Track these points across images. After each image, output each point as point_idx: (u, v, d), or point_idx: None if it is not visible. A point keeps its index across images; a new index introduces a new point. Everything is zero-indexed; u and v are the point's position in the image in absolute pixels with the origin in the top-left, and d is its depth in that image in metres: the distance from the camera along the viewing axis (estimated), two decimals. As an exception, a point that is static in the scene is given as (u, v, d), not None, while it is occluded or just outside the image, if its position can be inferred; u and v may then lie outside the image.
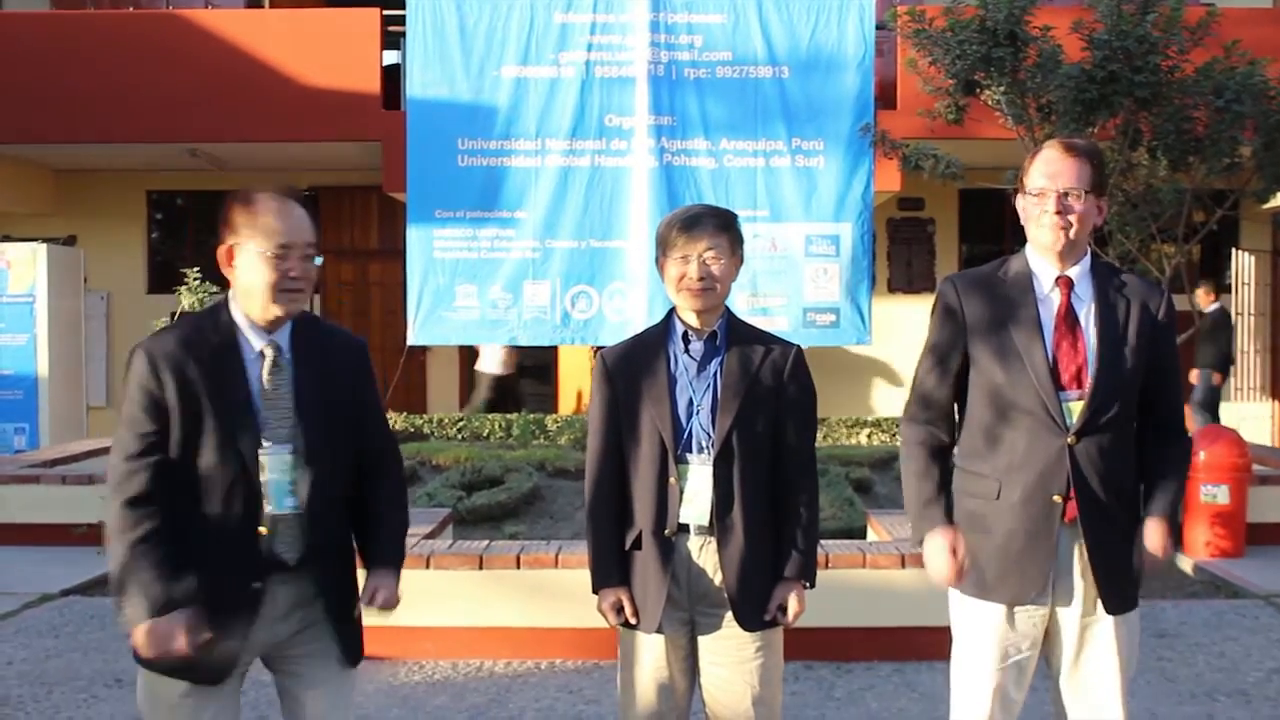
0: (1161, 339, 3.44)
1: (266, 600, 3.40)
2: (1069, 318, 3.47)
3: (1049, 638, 3.52)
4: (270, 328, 3.43)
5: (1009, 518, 3.47)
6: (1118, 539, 3.43)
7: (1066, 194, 3.41)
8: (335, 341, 3.60)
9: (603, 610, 3.65)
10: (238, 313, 3.44)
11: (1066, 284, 3.46)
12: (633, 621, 3.61)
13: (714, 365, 3.64)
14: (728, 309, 3.72)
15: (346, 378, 3.58)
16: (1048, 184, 3.43)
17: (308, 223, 3.45)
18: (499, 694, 6.11)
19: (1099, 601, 3.44)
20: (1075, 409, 3.40)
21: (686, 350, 3.65)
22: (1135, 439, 3.49)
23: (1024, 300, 3.49)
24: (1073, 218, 3.41)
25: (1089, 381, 3.40)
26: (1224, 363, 14.06)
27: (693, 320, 3.65)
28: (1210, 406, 13.93)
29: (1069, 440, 3.41)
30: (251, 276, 3.36)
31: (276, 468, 3.40)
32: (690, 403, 3.61)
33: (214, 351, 3.40)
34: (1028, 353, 3.44)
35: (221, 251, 3.41)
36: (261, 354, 3.42)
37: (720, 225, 3.62)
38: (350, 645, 3.53)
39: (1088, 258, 3.50)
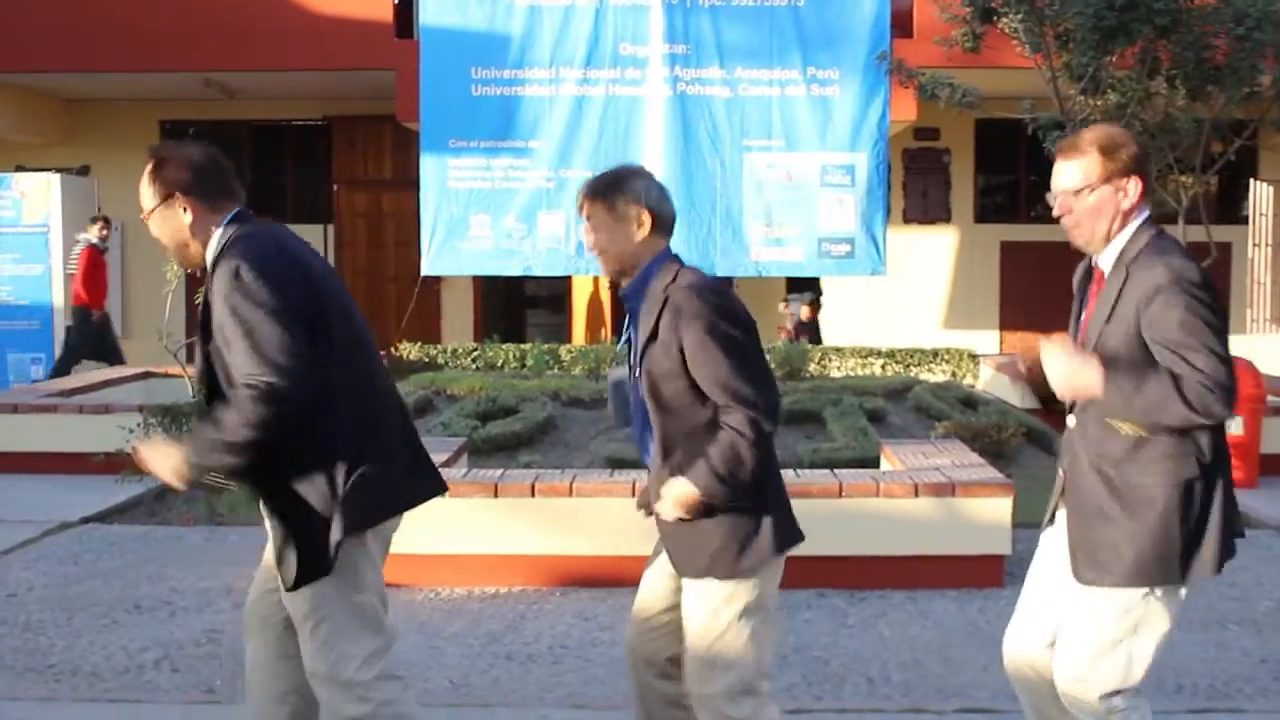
0: (1150, 316, 3.27)
1: None
2: (1084, 305, 3.56)
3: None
4: None
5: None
6: (1088, 516, 3.41)
7: (1060, 195, 3.45)
8: None
9: None
10: None
11: (1100, 275, 3.49)
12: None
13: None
14: (665, 259, 3.63)
15: None
16: (1054, 187, 3.48)
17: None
18: (515, 620, 6.16)
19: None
20: None
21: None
22: None
23: (1081, 289, 3.61)
24: (1071, 217, 3.44)
25: None
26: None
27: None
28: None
29: (1069, 420, 3.55)
30: None
31: None
32: None
33: None
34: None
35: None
36: None
37: (590, 194, 3.61)
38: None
39: (1120, 243, 3.42)
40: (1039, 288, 15.57)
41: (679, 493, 3.46)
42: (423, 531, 6.44)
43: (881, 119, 12.53)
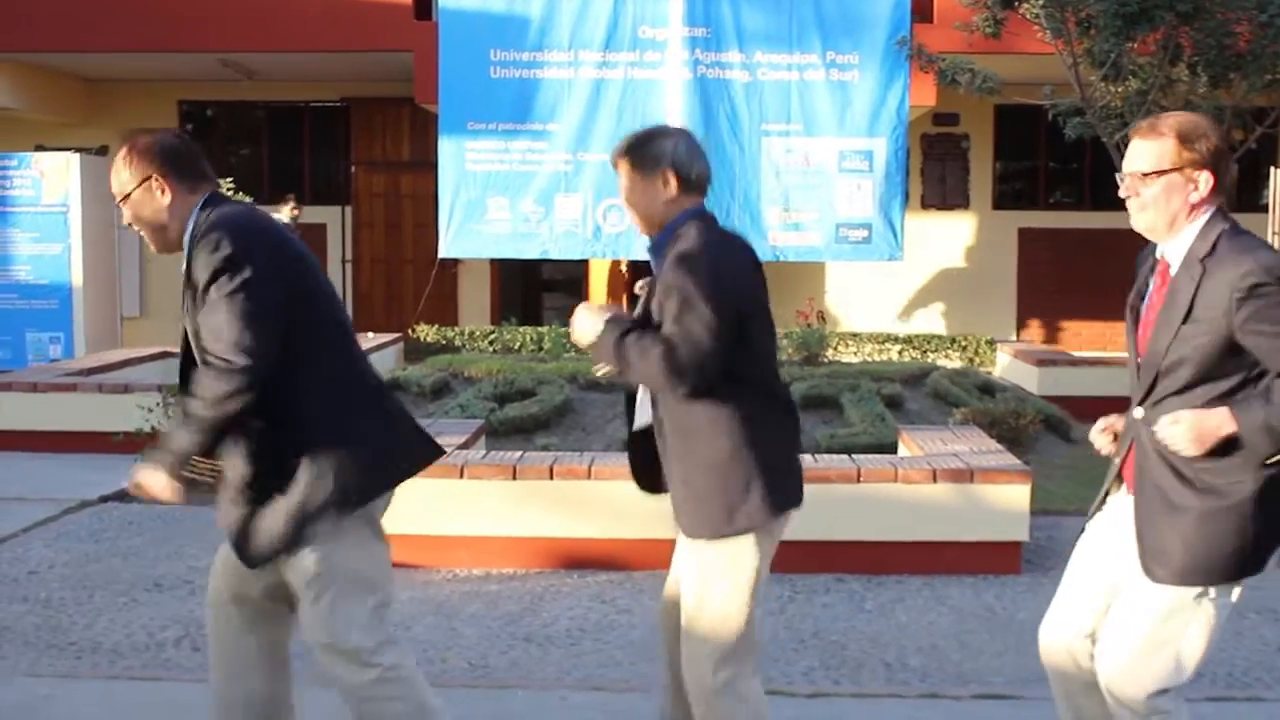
0: (1248, 313, 3.12)
1: None
2: (1150, 295, 3.41)
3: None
4: None
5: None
6: (1156, 507, 3.29)
7: (1129, 176, 3.32)
8: None
9: None
10: None
11: (1165, 266, 3.36)
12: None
13: None
14: (686, 218, 3.65)
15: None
16: (1124, 167, 3.35)
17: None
18: (532, 603, 6.18)
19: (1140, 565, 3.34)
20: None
21: None
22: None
23: (1143, 274, 3.47)
24: (1138, 200, 3.32)
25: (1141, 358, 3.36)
26: None
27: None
28: None
29: (1134, 410, 3.38)
30: None
31: None
32: None
33: None
34: (1129, 328, 3.46)
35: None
36: None
37: (619, 153, 3.67)
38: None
39: (1188, 238, 3.29)
40: (1057, 274, 15.58)
41: None
42: (440, 513, 6.49)
43: (900, 104, 12.51)
